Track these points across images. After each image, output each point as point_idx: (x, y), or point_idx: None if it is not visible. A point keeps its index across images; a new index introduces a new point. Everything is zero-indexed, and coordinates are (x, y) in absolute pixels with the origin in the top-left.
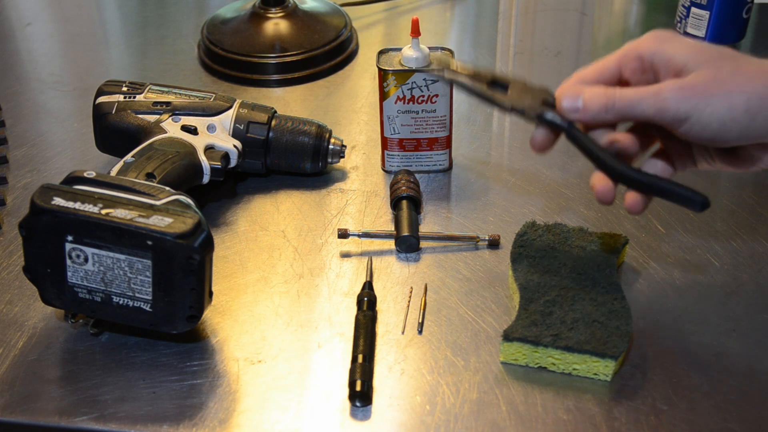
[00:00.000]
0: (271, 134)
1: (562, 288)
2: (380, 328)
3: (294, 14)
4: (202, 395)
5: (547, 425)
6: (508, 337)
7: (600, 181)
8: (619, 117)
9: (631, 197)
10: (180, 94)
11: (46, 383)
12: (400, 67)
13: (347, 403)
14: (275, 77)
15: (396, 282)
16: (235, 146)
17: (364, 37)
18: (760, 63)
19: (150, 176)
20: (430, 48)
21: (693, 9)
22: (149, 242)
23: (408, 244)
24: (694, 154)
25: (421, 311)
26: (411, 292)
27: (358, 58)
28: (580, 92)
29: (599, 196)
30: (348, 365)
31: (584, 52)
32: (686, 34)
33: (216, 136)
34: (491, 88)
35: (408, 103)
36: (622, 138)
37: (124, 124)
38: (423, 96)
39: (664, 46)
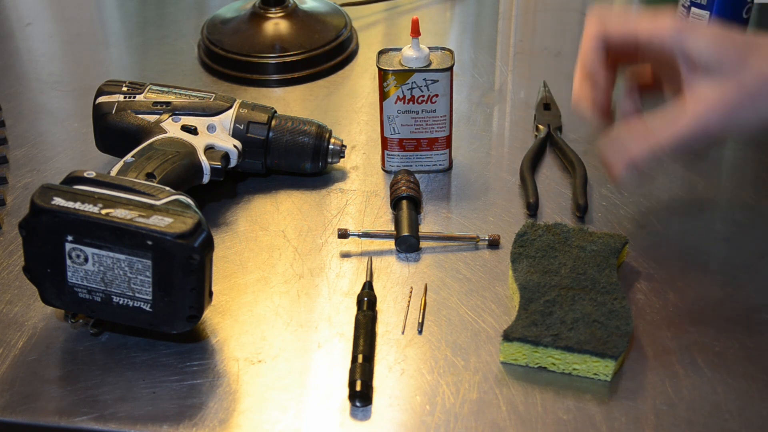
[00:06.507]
0: (271, 134)
1: (562, 288)
2: (380, 328)
3: (294, 14)
4: (202, 395)
5: (547, 425)
6: (508, 337)
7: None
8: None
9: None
10: (180, 94)
11: (46, 383)
12: (400, 67)
13: (347, 403)
14: (275, 77)
15: (396, 282)
16: (235, 146)
17: (364, 37)
18: None
19: (150, 176)
20: (430, 48)
21: (693, 9)
22: (149, 242)
23: (408, 244)
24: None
25: (421, 311)
26: (411, 292)
27: (358, 58)
28: (625, 156)
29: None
30: (348, 365)
31: None
32: None
33: (216, 136)
34: None
35: (408, 103)
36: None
37: (124, 124)
38: (423, 96)
39: (685, 39)
